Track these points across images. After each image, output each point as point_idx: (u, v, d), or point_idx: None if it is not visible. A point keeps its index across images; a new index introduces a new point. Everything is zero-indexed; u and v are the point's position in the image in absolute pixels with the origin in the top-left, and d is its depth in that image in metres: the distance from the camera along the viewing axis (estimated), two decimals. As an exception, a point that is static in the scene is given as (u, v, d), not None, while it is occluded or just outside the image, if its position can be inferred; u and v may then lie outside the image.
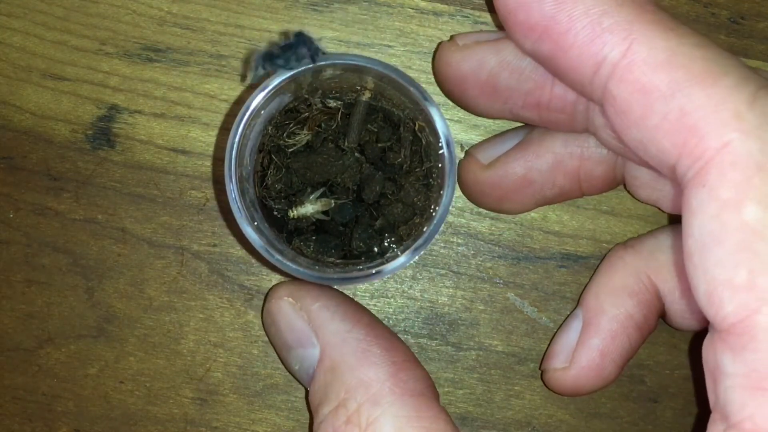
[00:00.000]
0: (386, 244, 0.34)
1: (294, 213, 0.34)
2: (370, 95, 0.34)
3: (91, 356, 0.39)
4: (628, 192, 0.38)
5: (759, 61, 0.39)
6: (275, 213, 0.35)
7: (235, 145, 0.31)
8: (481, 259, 0.40)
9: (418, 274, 0.39)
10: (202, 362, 0.39)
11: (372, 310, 0.39)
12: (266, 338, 0.39)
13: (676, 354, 0.40)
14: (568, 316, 0.39)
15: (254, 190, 0.35)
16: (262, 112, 0.33)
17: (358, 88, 0.34)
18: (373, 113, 0.35)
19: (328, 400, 0.32)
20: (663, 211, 0.38)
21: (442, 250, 0.39)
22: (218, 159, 0.39)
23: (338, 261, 0.34)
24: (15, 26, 0.39)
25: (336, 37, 0.39)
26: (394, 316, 0.39)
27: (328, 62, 0.32)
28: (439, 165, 0.33)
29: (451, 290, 0.40)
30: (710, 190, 0.26)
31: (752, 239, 0.25)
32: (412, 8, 0.39)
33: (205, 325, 0.39)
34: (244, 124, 0.32)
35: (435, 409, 0.31)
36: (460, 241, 0.40)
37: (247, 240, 0.32)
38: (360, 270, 0.32)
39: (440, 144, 0.32)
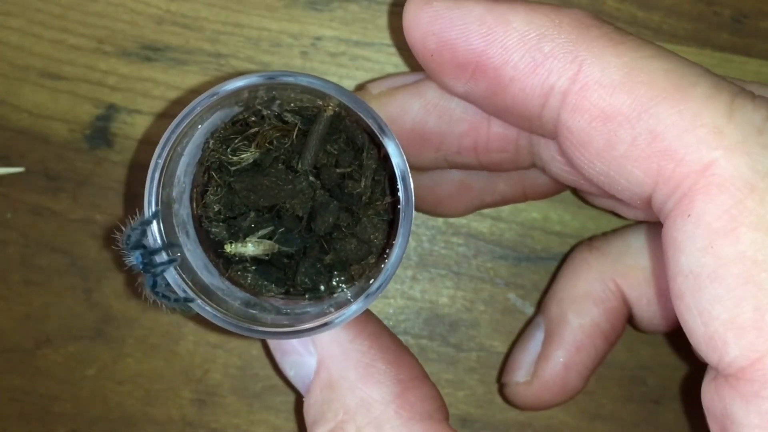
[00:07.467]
0: (335, 282, 0.31)
1: (231, 249, 0.31)
2: (333, 112, 0.31)
3: (89, 357, 0.39)
4: (580, 199, 0.37)
5: (762, 60, 0.39)
6: (211, 237, 0.31)
7: (158, 169, 0.28)
8: (481, 259, 0.39)
9: (418, 274, 0.39)
10: (201, 363, 0.39)
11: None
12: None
13: (678, 355, 0.39)
14: (529, 324, 0.37)
15: (192, 208, 0.32)
16: (202, 124, 0.30)
17: (320, 103, 0.31)
18: (335, 134, 0.31)
19: (324, 419, 0.29)
20: (621, 218, 0.36)
21: (442, 251, 0.39)
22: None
23: (279, 296, 0.31)
24: (12, 25, 0.38)
25: (336, 35, 0.39)
26: (394, 317, 0.39)
27: (281, 81, 0.28)
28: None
29: (451, 291, 0.39)
30: (697, 220, 0.23)
31: (753, 271, 0.22)
32: (413, 7, 0.39)
33: (203, 326, 0.39)
34: (170, 146, 0.28)
35: None
36: (460, 241, 0.39)
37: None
38: (298, 316, 0.28)
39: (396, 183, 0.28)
